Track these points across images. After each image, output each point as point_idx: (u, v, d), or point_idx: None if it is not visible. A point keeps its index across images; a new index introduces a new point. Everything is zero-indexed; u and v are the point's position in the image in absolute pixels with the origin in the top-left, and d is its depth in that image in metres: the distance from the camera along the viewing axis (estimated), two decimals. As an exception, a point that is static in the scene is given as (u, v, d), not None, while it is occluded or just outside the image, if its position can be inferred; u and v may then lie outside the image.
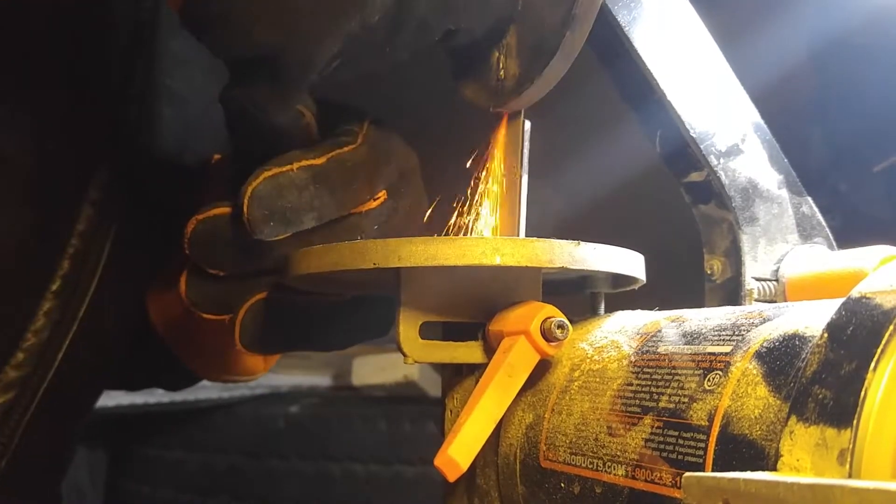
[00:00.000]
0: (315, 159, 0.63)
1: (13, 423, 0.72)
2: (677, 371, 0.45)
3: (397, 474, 1.40)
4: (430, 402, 1.45)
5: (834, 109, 1.12)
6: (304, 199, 0.61)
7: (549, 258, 0.52)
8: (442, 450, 0.50)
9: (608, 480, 0.46)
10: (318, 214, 0.63)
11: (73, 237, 0.72)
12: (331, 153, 0.64)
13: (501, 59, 0.62)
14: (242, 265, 0.67)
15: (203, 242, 0.66)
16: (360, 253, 0.53)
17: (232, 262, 0.67)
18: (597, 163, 1.05)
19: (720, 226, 0.67)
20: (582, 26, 0.57)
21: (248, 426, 1.52)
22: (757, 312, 0.46)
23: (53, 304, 0.72)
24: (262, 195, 0.60)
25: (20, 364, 0.71)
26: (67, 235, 0.72)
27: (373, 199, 0.67)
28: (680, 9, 0.67)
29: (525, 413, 0.53)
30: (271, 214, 0.61)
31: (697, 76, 0.66)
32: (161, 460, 1.56)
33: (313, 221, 0.62)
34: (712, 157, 0.66)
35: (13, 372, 0.71)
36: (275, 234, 0.61)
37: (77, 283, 0.72)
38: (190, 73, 0.81)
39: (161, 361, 0.80)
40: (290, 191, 0.61)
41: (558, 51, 0.58)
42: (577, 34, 0.58)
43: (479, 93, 0.64)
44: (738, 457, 0.39)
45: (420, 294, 0.56)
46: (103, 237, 0.74)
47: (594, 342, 0.53)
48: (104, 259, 0.74)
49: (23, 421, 0.73)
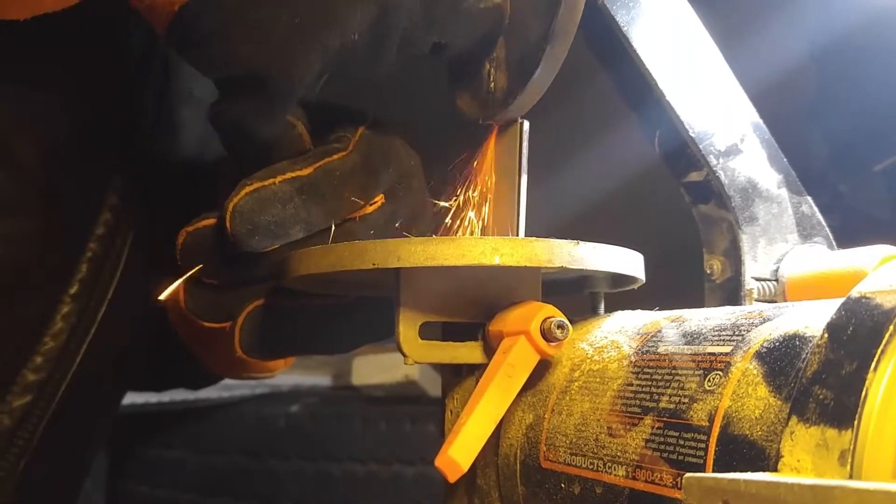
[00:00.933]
0: (301, 170, 0.63)
1: (31, 425, 0.73)
2: (677, 371, 0.45)
3: (397, 474, 1.40)
4: (430, 402, 1.45)
5: (834, 109, 1.12)
6: (288, 211, 0.62)
7: (548, 258, 0.52)
8: (442, 450, 0.50)
9: (608, 481, 0.46)
10: (306, 225, 0.63)
11: (91, 242, 0.72)
12: (318, 163, 0.64)
13: (492, 72, 0.63)
14: (236, 275, 0.68)
15: (194, 254, 0.66)
16: (359, 253, 0.53)
17: (225, 272, 0.68)
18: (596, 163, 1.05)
19: (720, 226, 0.67)
20: (562, 41, 0.59)
21: (248, 426, 1.51)
22: (757, 312, 0.46)
23: (71, 307, 0.72)
24: (244, 210, 0.61)
25: (38, 367, 0.71)
26: (85, 240, 0.72)
27: (369, 204, 0.67)
28: (679, 9, 0.67)
29: (525, 413, 0.53)
30: (255, 229, 0.61)
31: (696, 76, 0.66)
32: (161, 460, 1.56)
33: (301, 232, 0.63)
34: (711, 156, 0.66)
35: (31, 375, 0.71)
36: (261, 246, 0.62)
37: (95, 287, 0.73)
38: None
39: (184, 362, 0.81)
40: (272, 204, 0.61)
41: (540, 65, 0.59)
42: (558, 48, 0.59)
43: (470, 104, 0.65)
44: (738, 457, 0.39)
45: (419, 294, 0.56)
46: (121, 242, 0.74)
47: (594, 342, 0.53)
48: (122, 263, 0.74)
49: (41, 423, 0.73)
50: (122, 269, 0.74)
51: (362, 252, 0.53)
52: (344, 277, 0.58)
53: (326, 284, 0.63)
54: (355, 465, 1.43)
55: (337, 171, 0.64)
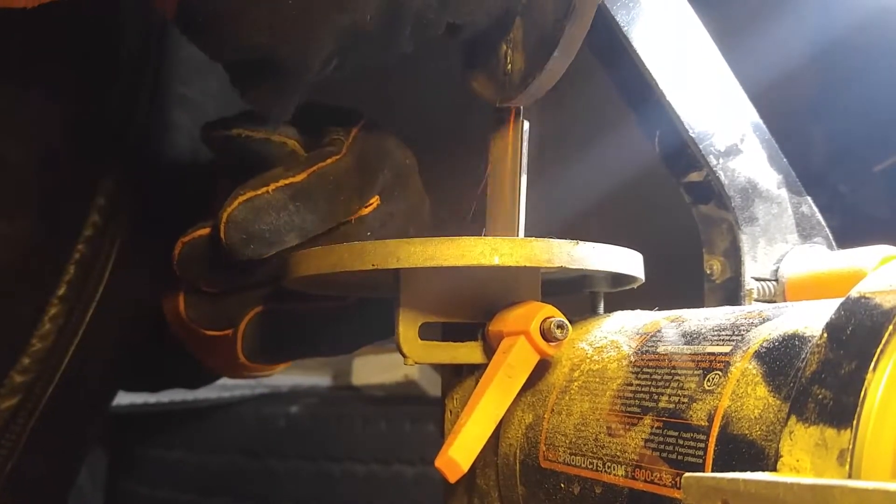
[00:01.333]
0: (294, 176, 0.63)
1: (18, 427, 0.72)
2: (677, 371, 0.45)
3: (397, 474, 1.40)
4: (430, 402, 1.45)
5: (834, 109, 1.12)
6: (282, 219, 0.62)
7: (547, 258, 0.52)
8: (442, 451, 0.50)
9: (608, 481, 0.46)
10: (301, 231, 0.63)
11: (79, 243, 0.72)
12: (312, 168, 0.64)
13: (509, 53, 0.62)
14: (234, 282, 0.68)
15: (190, 264, 0.67)
16: (358, 255, 0.53)
17: (223, 280, 0.68)
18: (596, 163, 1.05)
19: (719, 226, 0.67)
20: (582, 19, 0.57)
21: (248, 426, 1.51)
22: (756, 312, 0.46)
23: (59, 309, 0.72)
24: (238, 220, 0.61)
25: (25, 369, 0.71)
26: (74, 241, 0.72)
27: (364, 206, 0.67)
28: (679, 9, 0.67)
29: (525, 413, 0.53)
30: (249, 238, 0.61)
31: (696, 76, 0.66)
32: (161, 460, 1.56)
33: (297, 239, 0.63)
34: (711, 157, 0.66)
35: (19, 377, 0.71)
36: (257, 254, 0.62)
37: (83, 288, 0.73)
38: (206, 80, 0.82)
39: (180, 362, 0.81)
40: (266, 213, 0.61)
41: (559, 45, 0.58)
42: (577, 28, 0.57)
43: (486, 86, 0.64)
44: (737, 457, 0.39)
45: (419, 295, 0.56)
46: (110, 243, 0.74)
47: (594, 342, 0.53)
48: (111, 265, 0.74)
49: (28, 425, 0.73)
50: (111, 271, 0.74)
51: (362, 253, 0.53)
52: (343, 278, 0.58)
53: (326, 286, 0.63)
54: (355, 465, 1.43)
55: (331, 175, 0.64)
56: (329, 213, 0.64)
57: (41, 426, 0.74)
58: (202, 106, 0.81)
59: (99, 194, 0.72)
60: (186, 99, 0.81)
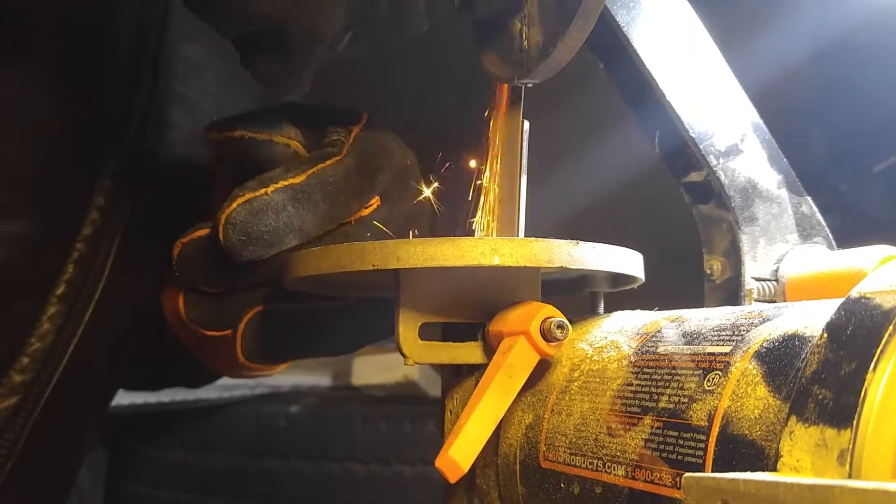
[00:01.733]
0: (294, 178, 0.63)
1: (18, 427, 0.73)
2: (677, 371, 0.45)
3: (397, 474, 1.40)
4: (430, 402, 1.45)
5: (834, 109, 1.12)
6: (282, 220, 0.61)
7: (547, 258, 0.52)
8: (443, 451, 0.50)
9: (608, 481, 0.46)
10: (301, 233, 0.63)
11: (78, 242, 0.72)
12: (312, 169, 0.63)
13: (524, 30, 0.61)
14: (233, 282, 0.68)
15: (189, 265, 0.67)
16: (358, 255, 0.53)
17: (222, 281, 0.68)
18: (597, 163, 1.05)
19: (720, 226, 0.67)
20: None
21: (248, 426, 1.51)
22: (756, 312, 0.46)
23: (58, 308, 0.72)
24: (237, 221, 0.61)
25: (24, 368, 0.71)
26: (72, 240, 0.72)
27: (364, 207, 0.67)
28: (679, 9, 0.67)
29: (525, 413, 0.53)
30: (248, 239, 0.61)
31: (696, 76, 0.66)
32: (161, 460, 1.55)
33: (296, 240, 0.63)
34: (711, 157, 0.66)
35: (18, 376, 0.71)
36: (256, 256, 0.62)
37: (82, 288, 0.73)
38: (203, 78, 0.82)
39: (181, 361, 0.81)
40: (266, 214, 0.61)
41: (577, 16, 0.56)
42: None
43: (500, 65, 0.63)
44: (737, 457, 0.39)
45: (419, 295, 0.56)
46: (109, 242, 0.74)
47: (594, 342, 0.53)
48: (110, 264, 0.74)
49: (27, 425, 0.73)
50: (110, 270, 0.74)
51: (362, 253, 0.53)
52: (343, 279, 0.58)
53: (326, 286, 0.63)
54: (355, 465, 1.43)
55: (331, 176, 0.64)
56: (329, 214, 0.64)
57: (41, 426, 0.74)
58: (201, 105, 0.81)
59: (98, 193, 0.72)
60: (185, 98, 0.81)
